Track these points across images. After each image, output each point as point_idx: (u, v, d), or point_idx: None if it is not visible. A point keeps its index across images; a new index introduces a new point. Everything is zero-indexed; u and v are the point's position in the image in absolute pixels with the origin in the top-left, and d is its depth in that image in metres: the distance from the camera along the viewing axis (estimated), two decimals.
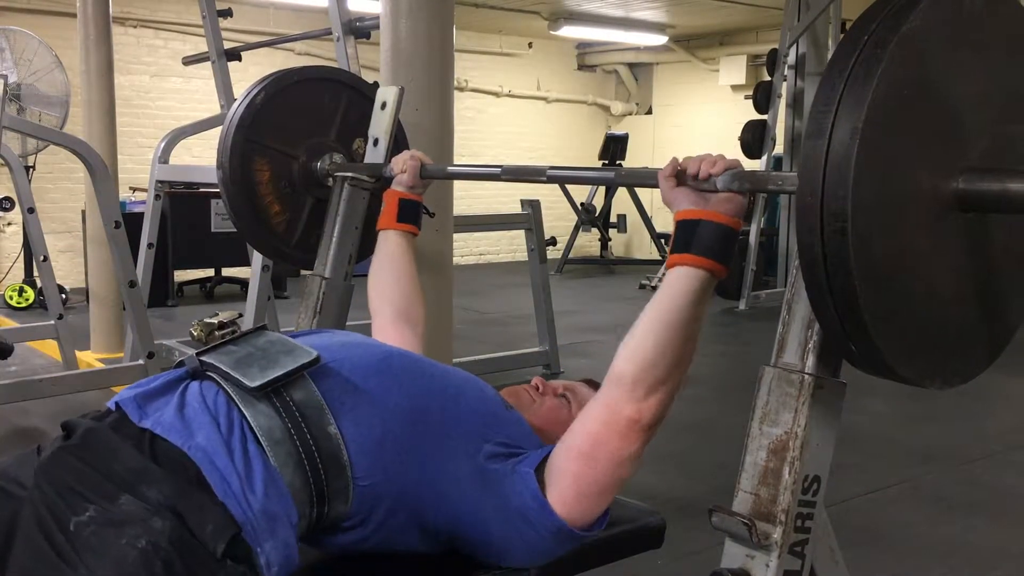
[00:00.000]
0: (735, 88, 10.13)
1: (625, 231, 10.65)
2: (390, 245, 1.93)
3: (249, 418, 1.27)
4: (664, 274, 1.35)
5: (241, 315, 4.83)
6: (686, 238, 1.29)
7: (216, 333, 5.17)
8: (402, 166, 1.98)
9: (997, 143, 1.14)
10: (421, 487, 1.33)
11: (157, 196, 4.83)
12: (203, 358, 1.35)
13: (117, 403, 1.30)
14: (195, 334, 5.29)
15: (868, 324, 1.05)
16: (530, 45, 10.89)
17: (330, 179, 2.24)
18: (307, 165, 2.26)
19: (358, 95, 2.35)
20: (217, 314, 5.53)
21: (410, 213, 1.97)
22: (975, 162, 1.11)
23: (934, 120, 1.08)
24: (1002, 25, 1.13)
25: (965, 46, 1.09)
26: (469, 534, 1.36)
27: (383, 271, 1.90)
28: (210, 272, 7.96)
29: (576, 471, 1.31)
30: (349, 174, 2.19)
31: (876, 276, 1.04)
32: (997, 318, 1.24)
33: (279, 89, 2.24)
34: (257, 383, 1.28)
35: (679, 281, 1.28)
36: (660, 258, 9.57)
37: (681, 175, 1.35)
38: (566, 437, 1.35)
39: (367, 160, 2.25)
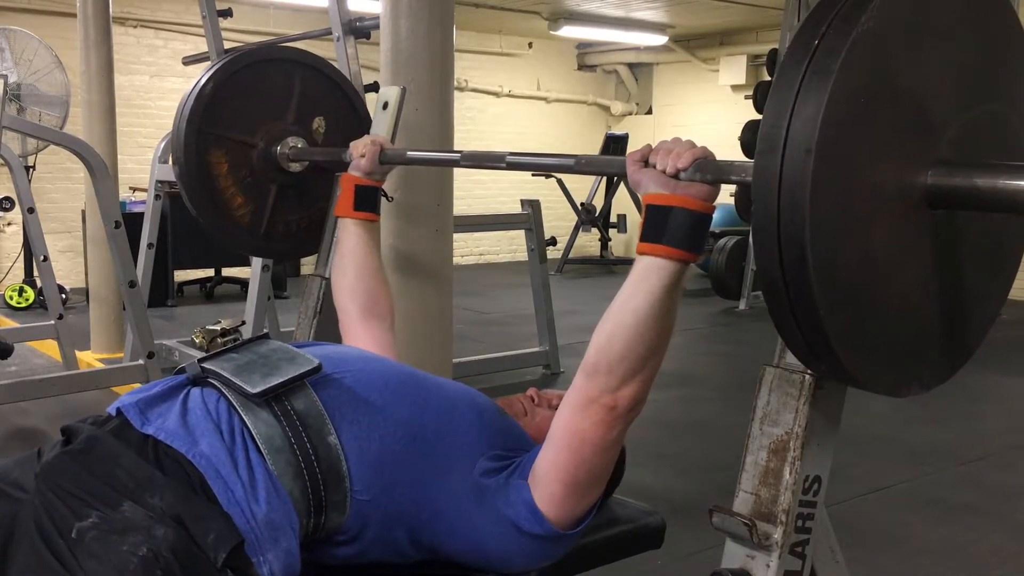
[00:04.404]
0: (735, 88, 10.12)
1: (625, 231, 10.64)
2: (350, 238, 1.87)
3: (250, 425, 1.26)
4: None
5: (244, 322, 4.84)
6: (657, 226, 1.22)
7: (218, 340, 5.17)
8: (361, 150, 1.90)
9: (966, 128, 1.09)
10: (418, 505, 1.33)
11: (157, 196, 4.84)
12: (205, 364, 1.35)
13: (118, 409, 1.29)
14: (197, 341, 5.29)
15: (835, 347, 1.02)
16: (530, 45, 10.89)
17: (291, 164, 2.17)
18: (266, 152, 2.18)
19: (312, 72, 2.25)
20: (220, 321, 5.52)
21: (368, 200, 1.90)
22: (945, 153, 1.06)
23: (896, 119, 1.02)
24: (956, 5, 1.08)
25: (922, 36, 1.03)
26: (466, 549, 1.36)
27: (346, 267, 1.85)
28: (210, 272, 7.95)
29: (561, 466, 1.31)
30: (307, 160, 2.13)
31: (840, 298, 1.00)
32: (969, 314, 1.21)
33: (228, 76, 2.14)
34: (259, 389, 1.28)
35: (651, 272, 1.23)
36: None
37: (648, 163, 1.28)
38: (547, 438, 1.35)
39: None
